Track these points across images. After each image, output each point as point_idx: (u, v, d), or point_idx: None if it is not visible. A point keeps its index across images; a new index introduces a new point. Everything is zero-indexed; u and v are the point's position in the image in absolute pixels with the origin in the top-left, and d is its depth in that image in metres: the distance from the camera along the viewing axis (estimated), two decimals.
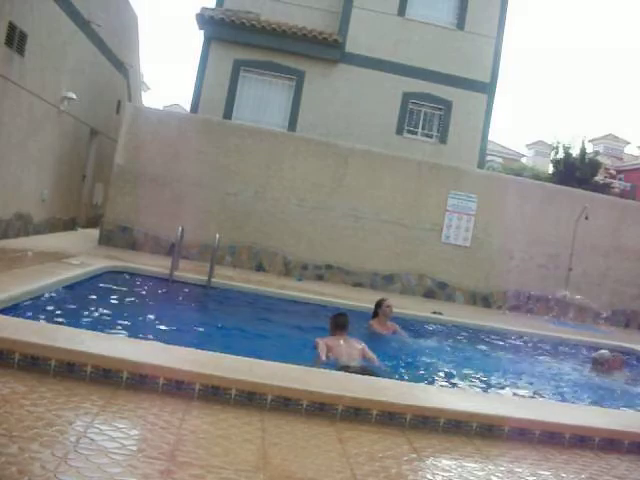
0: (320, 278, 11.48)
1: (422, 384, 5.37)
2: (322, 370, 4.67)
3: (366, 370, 5.19)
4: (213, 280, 8.44)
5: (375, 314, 7.19)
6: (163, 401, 3.54)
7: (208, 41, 13.59)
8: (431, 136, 14.30)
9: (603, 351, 7.64)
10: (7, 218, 9.67)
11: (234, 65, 13.60)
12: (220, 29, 13.40)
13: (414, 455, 3.43)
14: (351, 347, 5.73)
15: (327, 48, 13.62)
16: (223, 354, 4.40)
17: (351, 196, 11.63)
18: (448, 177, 11.95)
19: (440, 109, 14.18)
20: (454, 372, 6.33)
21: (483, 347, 8.04)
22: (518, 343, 8.67)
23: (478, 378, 6.32)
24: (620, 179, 33.26)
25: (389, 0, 13.99)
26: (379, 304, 7.18)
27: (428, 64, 14.01)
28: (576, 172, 25.29)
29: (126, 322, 5.93)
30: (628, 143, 42.31)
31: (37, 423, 2.92)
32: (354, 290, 10.89)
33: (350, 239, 11.62)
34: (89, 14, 12.07)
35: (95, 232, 12.31)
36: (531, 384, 6.43)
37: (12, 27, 8.75)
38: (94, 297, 6.76)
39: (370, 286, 11.59)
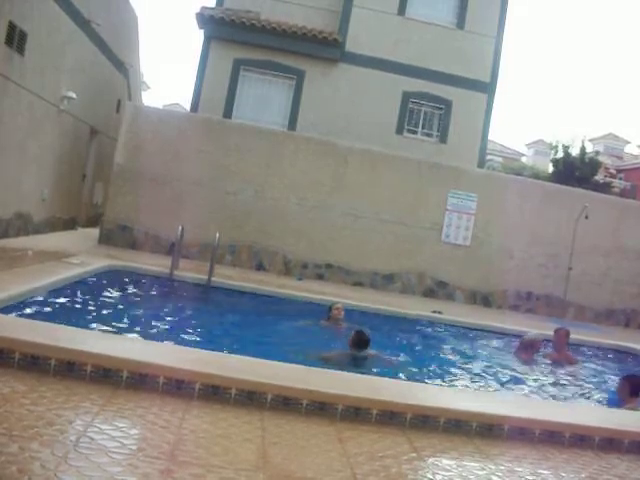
0: (320, 277, 11.47)
1: (422, 383, 5.38)
2: (323, 370, 4.67)
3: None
4: (213, 279, 8.45)
5: (328, 317, 7.47)
6: (163, 400, 3.54)
7: (208, 40, 13.57)
8: (431, 135, 14.28)
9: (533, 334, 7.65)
10: (7, 217, 9.67)
11: (234, 64, 13.58)
12: (220, 28, 13.38)
13: (414, 454, 3.43)
14: None
15: (327, 47, 13.60)
16: (223, 353, 4.40)
17: (351, 195, 11.62)
18: (448, 176, 11.94)
19: (440, 108, 14.16)
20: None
21: (449, 342, 8.03)
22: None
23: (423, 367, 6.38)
24: (620, 178, 33.28)
25: None
26: (329, 308, 7.52)
27: (428, 63, 13.98)
28: (576, 171, 25.33)
29: (126, 321, 5.94)
30: (628, 142, 42.37)
31: (37, 422, 2.92)
32: (354, 289, 10.89)
33: (350, 238, 11.61)
34: (89, 13, 12.06)
35: (95, 231, 12.30)
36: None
37: (12, 26, 8.74)
38: (94, 296, 6.75)
39: (370, 285, 11.58)
